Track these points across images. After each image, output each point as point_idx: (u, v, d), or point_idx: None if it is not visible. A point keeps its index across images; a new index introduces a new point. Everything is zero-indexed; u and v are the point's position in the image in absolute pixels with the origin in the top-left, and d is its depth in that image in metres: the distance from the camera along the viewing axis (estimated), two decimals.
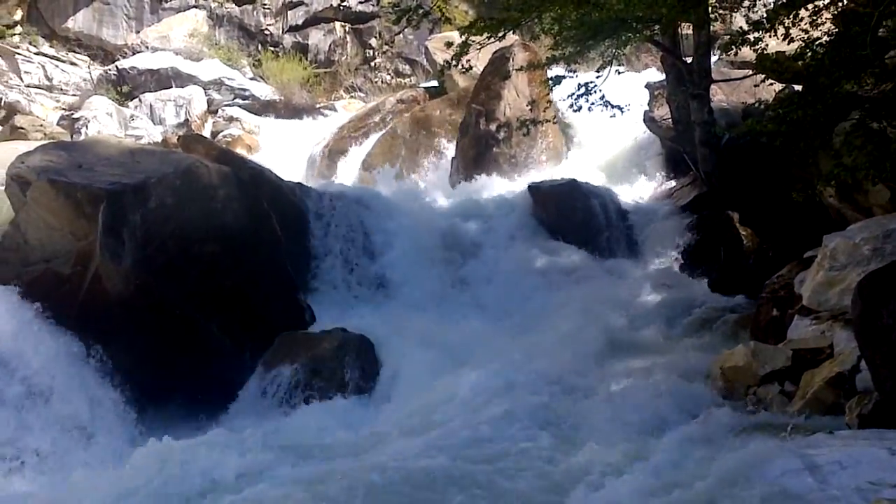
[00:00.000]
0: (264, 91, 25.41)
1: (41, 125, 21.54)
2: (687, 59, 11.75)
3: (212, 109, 24.28)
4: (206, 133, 22.36)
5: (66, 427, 8.63)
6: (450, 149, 18.27)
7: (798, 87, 9.52)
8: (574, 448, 6.56)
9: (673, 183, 14.84)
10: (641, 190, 15.43)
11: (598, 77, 12.52)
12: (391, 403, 8.85)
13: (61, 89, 24.82)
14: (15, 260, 9.66)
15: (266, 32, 27.48)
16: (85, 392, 8.93)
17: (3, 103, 22.07)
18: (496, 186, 15.51)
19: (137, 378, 9.19)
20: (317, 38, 27.46)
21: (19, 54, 24.65)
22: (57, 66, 25.23)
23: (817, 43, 8.49)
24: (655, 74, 17.06)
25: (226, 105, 24.40)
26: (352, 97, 27.02)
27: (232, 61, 26.33)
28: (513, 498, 5.83)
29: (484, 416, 7.43)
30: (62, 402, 8.74)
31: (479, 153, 17.06)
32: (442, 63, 13.52)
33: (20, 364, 8.76)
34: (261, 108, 24.68)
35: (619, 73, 13.00)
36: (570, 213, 13.49)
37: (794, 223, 10.22)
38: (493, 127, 17.07)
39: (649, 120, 14.83)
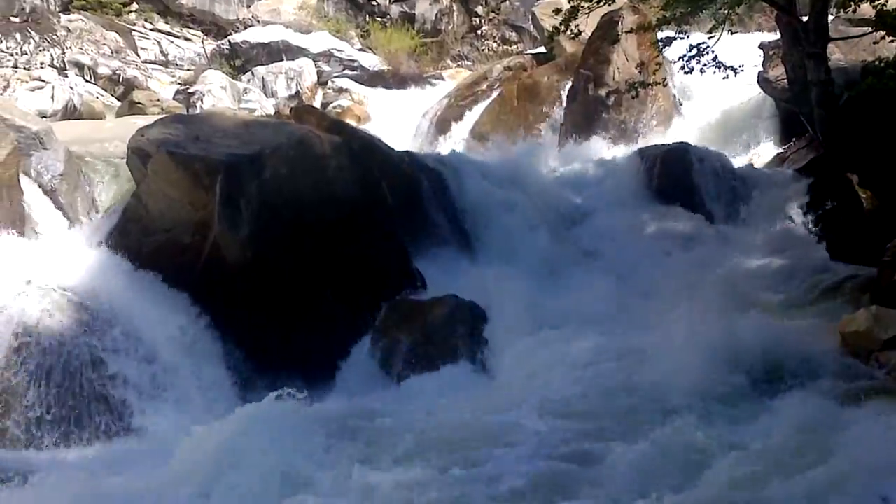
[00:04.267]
0: (372, 62, 25.59)
1: (158, 100, 22.09)
2: (803, 17, 11.45)
3: (322, 81, 24.58)
4: (317, 104, 22.62)
5: (179, 393, 8.81)
6: (558, 115, 18.13)
7: None
8: (698, 413, 6.51)
9: (788, 145, 14.48)
10: (755, 153, 15.11)
11: (710, 38, 12.30)
12: (503, 372, 8.74)
13: (176, 64, 25.47)
14: (137, 230, 9.99)
15: (373, 3, 27.64)
16: (202, 359, 9.17)
17: (121, 79, 22.76)
18: (605, 152, 15.37)
19: (252, 344, 9.38)
20: (423, 7, 27.50)
21: (135, 31, 25.34)
22: (172, 42, 25.87)
23: None
24: (769, 34, 16.64)
25: (335, 76, 24.67)
26: (459, 66, 27.03)
27: (340, 33, 26.56)
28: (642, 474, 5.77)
29: (599, 387, 7.41)
30: (178, 369, 8.95)
31: (588, 119, 16.92)
32: (549, 29, 13.45)
33: (140, 332, 9.01)
34: (369, 78, 24.85)
35: (732, 33, 12.74)
36: (681, 178, 13.27)
37: None
38: (602, 92, 16.89)
39: (764, 81, 14.51)
